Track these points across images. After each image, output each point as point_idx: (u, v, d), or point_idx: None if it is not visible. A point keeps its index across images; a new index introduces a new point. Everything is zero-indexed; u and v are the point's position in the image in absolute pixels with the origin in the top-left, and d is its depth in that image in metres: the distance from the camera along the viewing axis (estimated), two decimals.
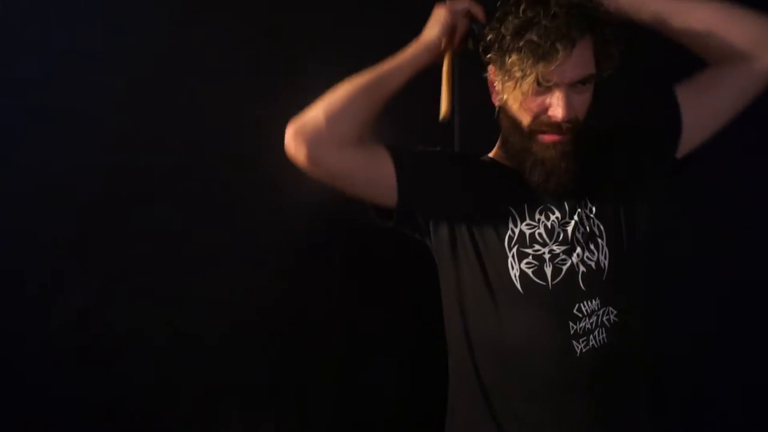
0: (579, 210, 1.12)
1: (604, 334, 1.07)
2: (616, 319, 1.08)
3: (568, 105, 1.05)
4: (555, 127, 1.07)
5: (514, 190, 1.14)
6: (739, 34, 1.09)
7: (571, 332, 1.06)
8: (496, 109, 1.19)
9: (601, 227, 1.12)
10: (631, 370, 1.12)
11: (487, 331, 1.11)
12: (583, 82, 1.07)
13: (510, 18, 1.06)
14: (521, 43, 1.03)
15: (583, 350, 1.06)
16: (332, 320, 2.09)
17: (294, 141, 1.09)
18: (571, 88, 1.06)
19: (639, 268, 1.14)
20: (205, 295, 1.99)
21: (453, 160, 1.26)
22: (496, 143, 1.28)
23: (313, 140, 1.07)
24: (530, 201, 1.13)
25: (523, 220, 1.12)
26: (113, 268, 1.94)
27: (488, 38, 1.11)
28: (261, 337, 2.07)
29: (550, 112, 1.07)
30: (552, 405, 1.08)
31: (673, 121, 1.14)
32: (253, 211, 2.04)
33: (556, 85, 1.05)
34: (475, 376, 1.12)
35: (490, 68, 1.15)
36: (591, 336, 1.07)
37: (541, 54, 1.01)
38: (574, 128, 1.08)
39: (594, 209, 1.13)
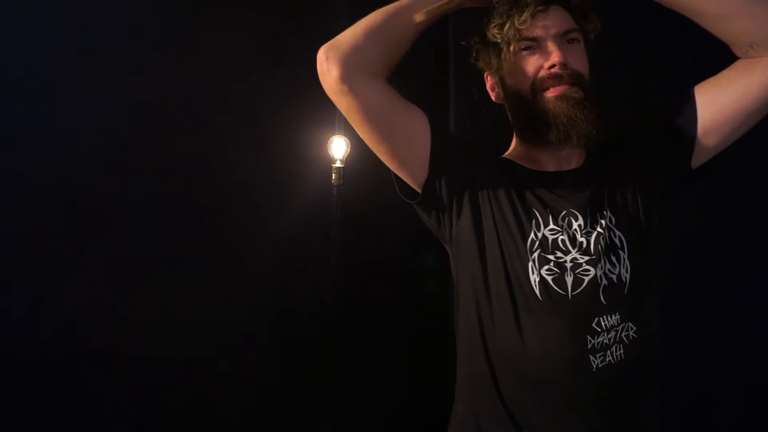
0: (601, 220, 1.08)
1: (622, 350, 1.04)
2: (635, 336, 1.05)
3: (562, 50, 1.05)
4: (556, 77, 1.06)
5: (538, 193, 1.11)
6: (760, 28, 1.03)
7: (589, 346, 1.02)
8: (502, 105, 1.20)
9: (623, 239, 1.08)
10: (644, 386, 1.08)
11: (504, 335, 1.07)
12: (568, 35, 1.08)
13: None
14: (495, 15, 1.09)
15: (600, 365, 1.02)
16: (328, 323, 2.08)
17: (326, 60, 1.05)
18: (560, 41, 1.07)
19: (657, 282, 1.11)
20: (201, 299, 1.98)
21: (480, 146, 1.23)
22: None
23: (346, 59, 1.04)
24: (553, 205, 1.10)
25: (546, 224, 1.08)
26: (107, 271, 1.93)
27: (474, 43, 1.15)
28: (255, 341, 2.06)
29: (546, 63, 1.06)
30: (563, 417, 1.04)
31: (687, 135, 1.10)
32: (248, 216, 2.04)
33: (544, 40, 1.07)
34: (490, 375, 1.08)
35: (481, 66, 1.17)
36: (608, 351, 1.03)
37: (514, 9, 1.06)
38: (576, 77, 1.06)
39: (614, 219, 1.09)
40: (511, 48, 1.07)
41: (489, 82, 1.19)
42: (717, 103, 1.07)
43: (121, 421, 1.93)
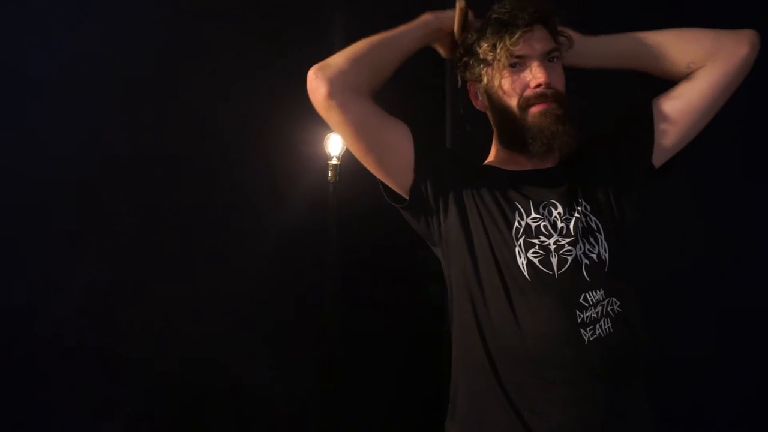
0: (577, 207, 1.17)
1: (610, 324, 1.10)
2: (620, 310, 1.11)
3: (546, 70, 1.15)
4: (540, 96, 1.15)
5: (519, 188, 1.20)
6: (694, 51, 1.21)
7: (578, 321, 1.08)
8: (486, 112, 1.28)
9: (598, 223, 1.17)
10: (633, 360, 1.14)
11: (499, 320, 1.13)
12: (550, 55, 1.18)
13: (473, 31, 1.21)
14: (486, 30, 1.18)
15: (591, 338, 1.08)
16: (324, 320, 2.09)
17: (315, 79, 1.15)
18: (543, 61, 1.16)
19: (634, 263, 1.19)
20: (198, 296, 1.99)
21: (461, 154, 1.32)
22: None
23: (334, 78, 1.14)
24: (534, 197, 1.18)
25: (528, 214, 1.16)
26: (106, 269, 1.94)
27: (459, 51, 1.24)
28: (253, 338, 2.07)
29: (533, 83, 1.15)
30: (561, 393, 1.09)
31: (646, 135, 1.22)
32: (244, 213, 2.05)
33: (529, 59, 1.16)
34: (488, 364, 1.13)
35: (467, 77, 1.26)
36: (597, 325, 1.09)
37: (504, 29, 1.15)
38: (558, 96, 1.16)
39: (589, 207, 1.18)
40: (500, 65, 1.17)
41: (473, 90, 1.28)
42: (670, 108, 1.21)
43: (119, 420, 1.94)
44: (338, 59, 1.16)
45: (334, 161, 2.07)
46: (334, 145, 2.07)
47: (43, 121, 1.90)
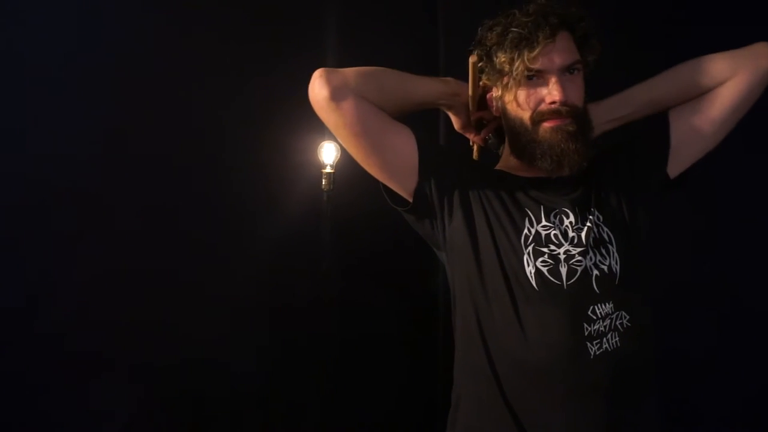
0: (590, 216, 1.15)
1: (617, 338, 1.08)
2: (629, 324, 1.10)
3: (563, 87, 1.11)
4: (555, 112, 1.13)
5: (530, 194, 1.18)
6: (714, 77, 1.19)
7: (585, 334, 1.07)
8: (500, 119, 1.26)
9: (611, 234, 1.14)
10: (641, 375, 1.12)
11: (504, 328, 1.11)
12: (571, 68, 1.14)
13: (492, 31, 1.16)
14: (505, 41, 1.13)
15: (597, 353, 1.07)
16: (319, 327, 2.10)
17: (319, 78, 1.13)
18: (562, 75, 1.13)
19: (647, 275, 1.17)
20: (198, 297, 1.99)
21: (468, 158, 1.33)
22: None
23: (338, 82, 1.13)
24: (545, 204, 1.16)
25: (539, 221, 1.14)
26: (101, 274, 1.93)
27: (476, 53, 1.20)
28: (245, 345, 2.06)
29: (548, 99, 1.12)
30: (564, 406, 1.08)
31: (662, 144, 1.20)
32: (238, 221, 2.05)
33: (547, 73, 1.12)
34: (491, 373, 1.12)
35: (484, 82, 1.23)
36: (604, 339, 1.07)
37: (524, 43, 1.11)
38: (573, 112, 1.13)
39: (601, 217, 1.16)
40: (516, 78, 1.13)
41: (489, 95, 1.25)
42: (688, 119, 1.20)
43: (119, 420, 1.94)
44: (346, 69, 1.15)
45: (328, 169, 2.07)
46: (328, 153, 2.06)
47: (43, 121, 1.89)
